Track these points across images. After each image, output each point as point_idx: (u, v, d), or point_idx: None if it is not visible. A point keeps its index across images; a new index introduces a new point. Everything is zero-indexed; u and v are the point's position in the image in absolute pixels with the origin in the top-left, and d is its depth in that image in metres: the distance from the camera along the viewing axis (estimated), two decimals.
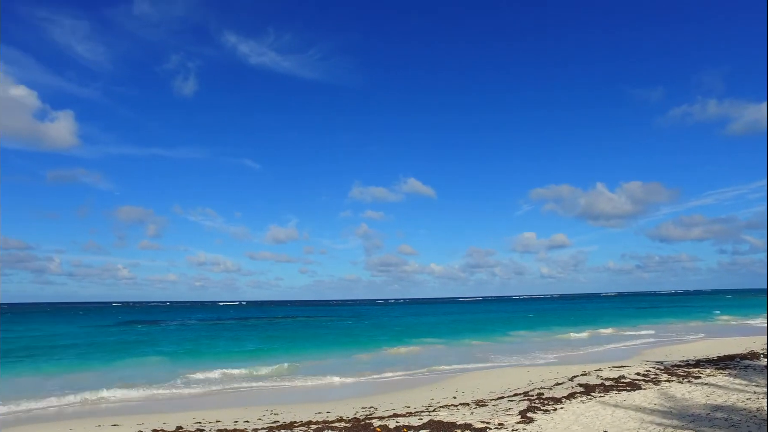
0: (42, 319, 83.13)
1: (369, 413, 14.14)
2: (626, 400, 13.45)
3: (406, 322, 65.06)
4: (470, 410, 13.44)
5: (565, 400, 13.93)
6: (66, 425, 13.52)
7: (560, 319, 64.49)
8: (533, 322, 59.93)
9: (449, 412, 13.42)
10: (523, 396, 15.21)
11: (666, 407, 12.21)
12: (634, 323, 51.89)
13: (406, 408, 14.63)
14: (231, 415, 14.36)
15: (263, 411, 15.04)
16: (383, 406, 15.23)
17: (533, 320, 63.25)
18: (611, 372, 19.14)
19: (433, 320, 69.66)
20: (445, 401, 15.50)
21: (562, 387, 16.46)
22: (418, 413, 13.50)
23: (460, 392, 17.13)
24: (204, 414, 14.69)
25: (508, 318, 70.36)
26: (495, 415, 12.47)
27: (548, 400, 14.05)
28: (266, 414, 14.59)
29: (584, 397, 14.24)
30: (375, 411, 14.44)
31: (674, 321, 54.91)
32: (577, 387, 16.10)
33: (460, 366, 24.77)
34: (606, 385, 16.09)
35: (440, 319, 72.64)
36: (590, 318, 64.08)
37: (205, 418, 13.98)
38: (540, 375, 20.17)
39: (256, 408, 15.62)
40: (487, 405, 14.16)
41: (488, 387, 17.96)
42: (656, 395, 13.82)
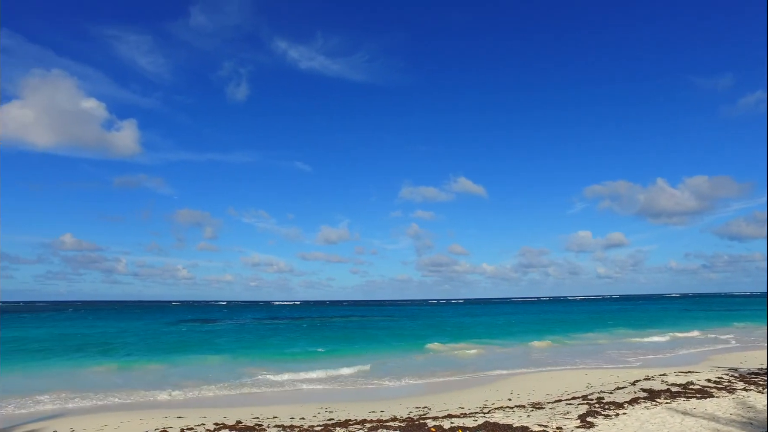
0: (112, 316, 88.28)
1: (423, 413, 14.10)
2: (696, 408, 12.71)
3: (459, 323, 64.41)
4: (526, 413, 13.14)
5: (627, 405, 13.36)
6: (136, 415, 14.28)
7: (621, 320, 61.90)
8: (591, 323, 57.84)
9: (504, 414, 13.17)
10: (581, 400, 14.71)
11: (745, 418, 11.41)
12: (703, 326, 49.06)
13: (460, 409, 14.48)
14: (287, 412, 14.70)
15: (318, 408, 15.31)
16: (437, 406, 15.15)
17: (590, 321, 61.03)
18: (677, 377, 18.17)
19: (486, 320, 68.61)
20: (500, 403, 15.23)
21: (623, 391, 15.80)
22: (472, 414, 13.33)
23: (515, 394, 16.78)
24: (261, 410, 15.12)
25: (564, 319, 68.27)
26: (552, 418, 12.12)
27: (609, 405, 13.51)
28: (321, 411, 14.84)
29: (648, 403, 13.59)
30: (429, 411, 14.38)
31: (748, 325, 51.47)
32: (639, 392, 15.40)
33: (514, 367, 24.27)
34: (672, 391, 15.29)
35: (493, 319, 71.43)
36: (654, 320, 61.14)
37: (263, 414, 14.38)
38: (599, 378, 19.44)
39: (311, 405, 15.92)
40: (543, 408, 13.79)
41: (544, 389, 17.49)
42: (732, 404, 12.97)
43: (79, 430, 12.66)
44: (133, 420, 13.72)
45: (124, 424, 13.22)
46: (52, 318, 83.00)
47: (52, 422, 13.67)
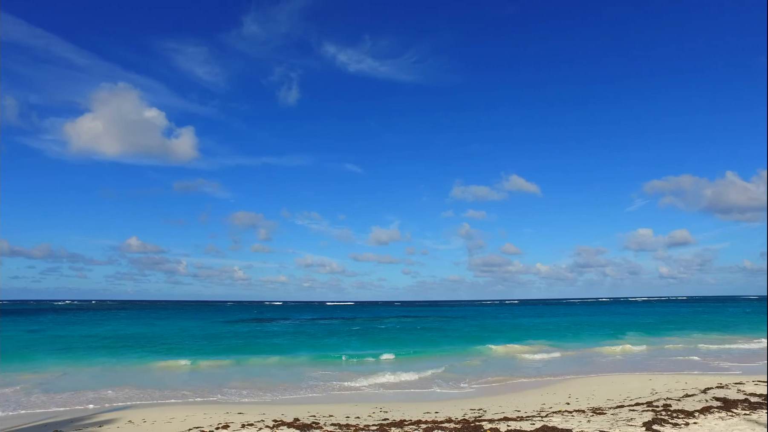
0: (173, 315, 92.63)
1: (478, 415, 13.93)
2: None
3: (515, 324, 63.17)
4: (586, 418, 12.70)
5: (698, 415, 12.63)
6: (200, 409, 14.93)
7: (689, 323, 58.65)
8: (655, 325, 55.14)
9: (563, 418, 12.79)
10: (646, 406, 14.06)
11: None
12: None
13: (516, 411, 14.20)
14: (343, 411, 14.91)
15: (373, 408, 15.44)
16: (492, 408, 14.92)
17: (655, 323, 58.18)
18: (757, 387, 16.99)
19: (543, 321, 66.88)
20: (558, 407, 14.81)
21: (693, 399, 14.96)
22: (529, 418, 13.04)
23: (573, 398, 16.26)
24: (317, 408, 15.42)
25: (625, 321, 65.45)
26: (615, 425, 11.66)
27: (677, 413, 12.83)
28: (376, 411, 14.96)
29: (723, 413, 12.78)
30: (484, 413, 14.19)
31: None
32: (712, 401, 14.53)
33: (572, 370, 23.53)
34: (752, 401, 14.28)
35: (550, 320, 69.51)
36: (727, 324, 57.47)
37: (319, 412, 14.66)
38: (664, 384, 18.51)
39: (366, 405, 16.08)
40: (605, 413, 13.28)
41: (605, 394, 16.85)
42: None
43: (149, 421, 13.37)
44: (197, 414, 14.35)
45: (189, 417, 13.84)
46: (120, 316, 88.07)
47: (123, 413, 14.51)
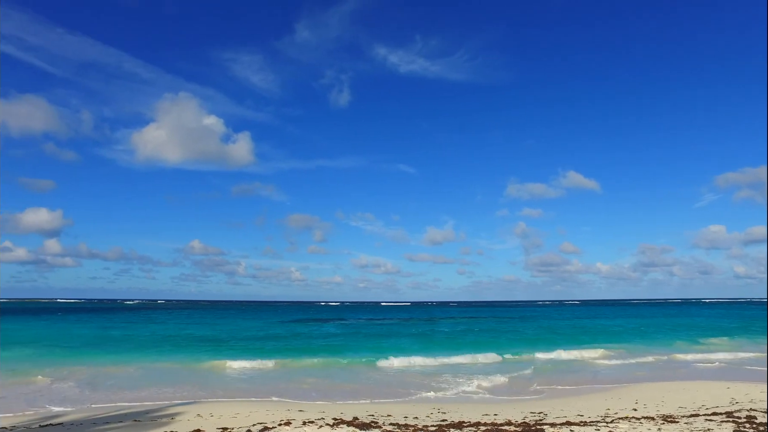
0: (233, 315, 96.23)
1: (539, 419, 13.57)
2: None
3: (577, 325, 61.17)
4: (656, 426, 12.08)
5: None
6: (263, 406, 15.43)
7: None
8: (733, 329, 51.67)
9: (630, 425, 12.22)
10: (725, 416, 13.18)
11: None
12: None
13: (579, 416, 13.72)
14: (401, 411, 14.96)
15: (431, 409, 15.39)
16: (554, 412, 14.49)
17: (733, 327, 54.53)
18: None
19: (607, 323, 64.32)
20: (624, 413, 14.17)
21: None
22: (593, 423, 12.55)
23: (641, 404, 15.52)
24: (376, 408, 15.55)
25: (698, 323, 61.80)
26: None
27: (764, 426, 11.95)
28: (434, 412, 14.90)
29: None
30: (545, 417, 13.80)
31: None
32: None
33: (639, 374, 22.48)
34: None
35: (614, 322, 66.71)
36: None
37: (377, 412, 14.77)
38: (746, 394, 17.29)
39: (424, 405, 16.05)
40: (677, 422, 12.58)
41: (676, 401, 15.96)
42: None
43: (216, 415, 13.96)
44: (260, 411, 14.83)
45: (252, 413, 14.33)
46: (184, 316, 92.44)
47: (191, 407, 15.21)
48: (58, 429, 12.30)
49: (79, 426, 12.74)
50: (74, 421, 13.52)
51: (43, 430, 12.31)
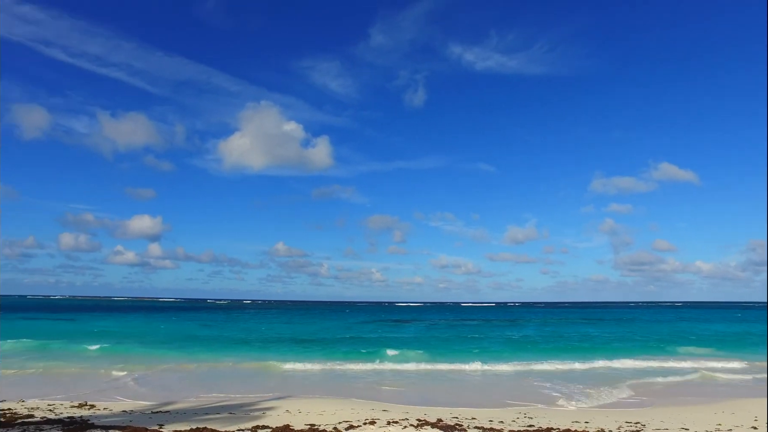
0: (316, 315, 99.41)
1: (635, 429, 12.72)
2: None
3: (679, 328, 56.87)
4: None
5: None
6: (348, 404, 15.80)
7: None
8: None
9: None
10: None
11: None
12: None
13: (683, 430, 12.69)
14: (486, 414, 14.67)
15: (517, 413, 14.95)
16: (653, 423, 13.51)
17: None
18: None
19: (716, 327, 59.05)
20: (738, 430, 12.87)
21: None
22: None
23: (761, 422, 14.02)
24: (460, 410, 15.37)
25: None
26: None
27: None
28: (520, 417, 14.46)
29: None
30: (643, 428, 12.91)
31: None
32: None
33: (759, 388, 20.36)
34: None
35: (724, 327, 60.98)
36: None
37: (462, 414, 14.60)
38: None
39: (511, 410, 15.63)
40: None
41: None
42: None
43: (304, 411, 14.49)
44: (345, 409, 15.19)
45: (338, 411, 14.72)
46: (270, 315, 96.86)
47: (281, 402, 15.88)
48: (166, 416, 13.38)
49: (183, 414, 13.77)
50: (179, 410, 14.63)
51: (154, 415, 13.45)
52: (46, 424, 11.90)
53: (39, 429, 11.38)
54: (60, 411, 13.92)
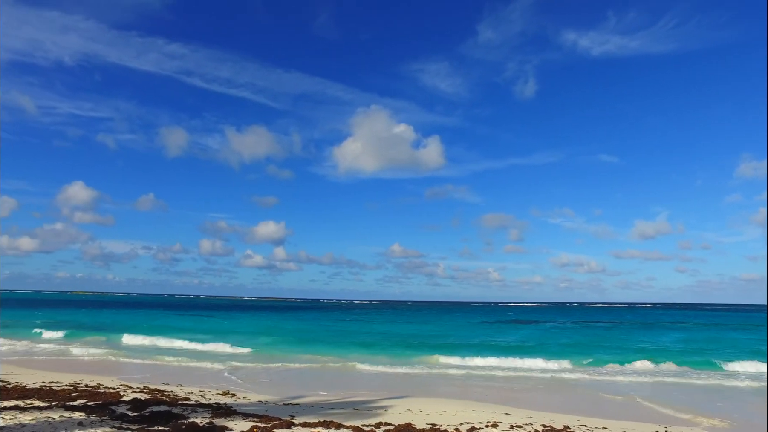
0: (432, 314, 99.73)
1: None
2: None
3: None
4: None
5: None
6: (468, 405, 15.61)
7: None
8: None
9: None
10: None
11: None
12: None
13: None
14: (619, 426, 13.61)
15: (656, 427, 13.67)
16: None
17: None
18: None
19: None
20: None
21: None
22: None
23: None
24: (589, 419, 14.43)
25: None
26: None
27: None
28: (660, 430, 13.19)
29: None
30: None
31: None
32: None
33: None
34: None
35: None
36: None
37: (591, 423, 13.70)
38: None
39: (649, 425, 14.34)
40: None
41: None
42: None
43: (425, 411, 14.61)
44: (466, 410, 15.03)
45: (459, 412, 14.60)
46: (390, 315, 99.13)
47: (401, 401, 16.15)
48: (296, 408, 14.31)
49: (311, 408, 14.62)
50: (307, 403, 15.55)
51: (286, 407, 14.47)
52: (200, 407, 13.36)
53: (194, 410, 12.82)
54: (209, 397, 15.54)
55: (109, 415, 11.73)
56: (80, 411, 11.96)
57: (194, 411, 12.77)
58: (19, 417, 10.96)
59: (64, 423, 10.48)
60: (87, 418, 11.11)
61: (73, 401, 13.38)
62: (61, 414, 11.45)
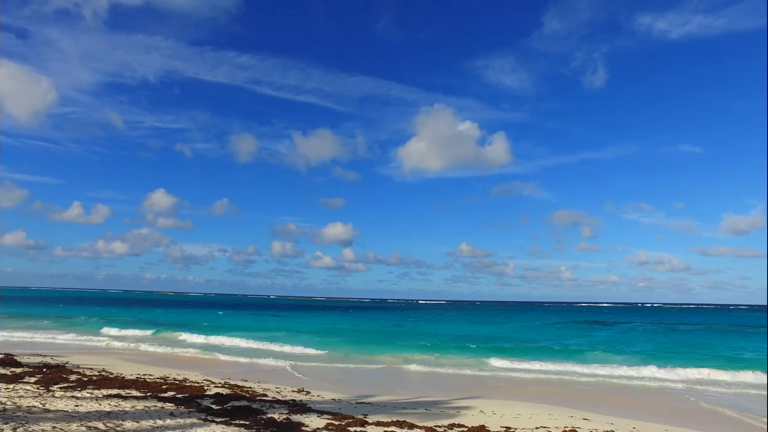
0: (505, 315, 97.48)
1: None
2: None
3: None
4: None
5: None
6: (544, 409, 15.12)
7: None
8: None
9: None
10: None
11: None
12: None
13: None
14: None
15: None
16: None
17: None
18: None
19: None
20: None
21: None
22: None
23: None
24: (678, 429, 13.55)
25: None
26: None
27: None
28: None
29: None
30: None
31: None
32: None
33: None
34: None
35: None
36: None
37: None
38: None
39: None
40: None
41: None
42: None
43: (498, 414, 14.32)
44: (541, 413, 14.58)
45: (534, 416, 14.19)
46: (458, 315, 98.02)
47: (474, 402, 15.91)
48: (368, 407, 14.51)
49: (383, 407, 14.77)
50: (379, 402, 15.73)
51: (359, 406, 14.72)
52: (276, 403, 13.90)
53: (272, 406, 13.35)
54: (284, 394, 16.11)
55: (195, 407, 12.48)
56: (170, 402, 12.81)
57: (272, 407, 13.29)
58: (122, 404, 11.93)
59: (158, 412, 11.28)
60: (177, 409, 11.88)
61: (164, 393, 14.35)
62: (154, 404, 12.32)
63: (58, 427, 8.92)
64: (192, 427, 10.12)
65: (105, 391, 13.79)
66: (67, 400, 12.05)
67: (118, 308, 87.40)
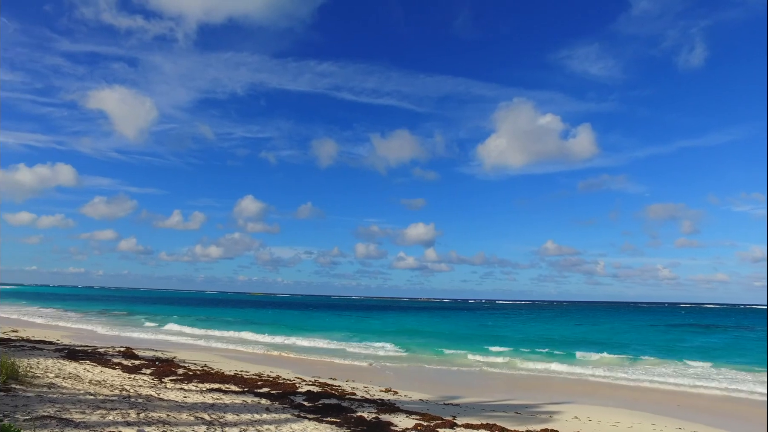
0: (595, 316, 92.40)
1: None
2: None
3: None
4: None
5: None
6: (648, 418, 14.10)
7: None
8: None
9: None
10: None
11: None
12: None
13: None
14: None
15: None
16: None
17: None
18: None
19: None
20: None
21: None
22: None
23: None
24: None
25: None
26: None
27: None
28: None
29: None
30: None
31: None
32: None
33: None
34: None
35: None
36: None
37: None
38: None
39: None
40: None
41: None
42: None
43: (594, 420, 13.56)
44: (644, 423, 13.60)
45: (635, 425, 13.28)
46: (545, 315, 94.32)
47: (568, 407, 15.19)
48: (456, 408, 14.35)
49: (471, 409, 14.53)
50: (467, 404, 15.49)
51: (447, 407, 14.59)
52: (365, 402, 14.14)
53: (361, 405, 13.61)
54: (372, 393, 16.35)
55: (288, 403, 13.01)
56: (266, 398, 13.46)
57: (361, 405, 13.53)
58: (222, 398, 12.75)
59: (255, 407, 11.90)
60: (272, 405, 12.46)
61: (259, 389, 15.12)
62: (251, 399, 13.02)
63: (171, 415, 9.68)
64: (287, 423, 10.54)
65: (208, 385, 14.79)
66: (177, 391, 13.07)
67: (215, 308, 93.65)
